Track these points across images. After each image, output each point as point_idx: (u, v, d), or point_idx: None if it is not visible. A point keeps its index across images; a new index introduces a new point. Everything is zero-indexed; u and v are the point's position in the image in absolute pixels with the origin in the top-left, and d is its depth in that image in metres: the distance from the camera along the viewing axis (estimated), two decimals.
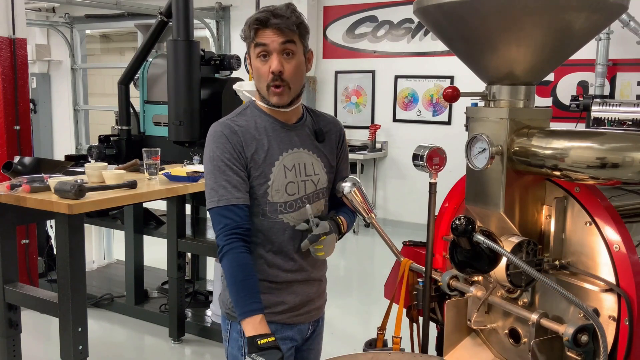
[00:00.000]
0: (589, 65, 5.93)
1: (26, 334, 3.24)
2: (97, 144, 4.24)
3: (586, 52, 4.46)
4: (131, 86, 4.38)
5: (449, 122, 7.10)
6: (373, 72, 7.57)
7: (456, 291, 1.94)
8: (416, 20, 6.92)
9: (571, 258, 1.72)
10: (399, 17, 7.30)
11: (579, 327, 1.55)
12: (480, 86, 1.81)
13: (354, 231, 7.16)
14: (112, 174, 3.12)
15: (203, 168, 1.81)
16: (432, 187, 1.94)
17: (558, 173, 1.62)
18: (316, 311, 1.95)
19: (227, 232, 1.69)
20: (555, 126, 1.72)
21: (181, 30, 3.81)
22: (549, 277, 1.68)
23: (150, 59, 4.36)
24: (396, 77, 7.42)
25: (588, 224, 1.67)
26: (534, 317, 1.67)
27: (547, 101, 6.46)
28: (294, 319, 1.87)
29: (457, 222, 1.67)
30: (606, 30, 5.60)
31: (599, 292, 1.63)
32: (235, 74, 4.37)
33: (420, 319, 2.08)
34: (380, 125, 7.42)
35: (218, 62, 4.19)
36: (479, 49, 1.70)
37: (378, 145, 7.45)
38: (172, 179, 3.30)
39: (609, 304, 1.61)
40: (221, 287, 1.92)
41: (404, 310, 2.07)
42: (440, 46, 6.71)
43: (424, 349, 2.05)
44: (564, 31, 1.60)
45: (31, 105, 6.86)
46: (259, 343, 1.57)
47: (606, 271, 1.62)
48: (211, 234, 4.24)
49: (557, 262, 1.74)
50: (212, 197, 1.71)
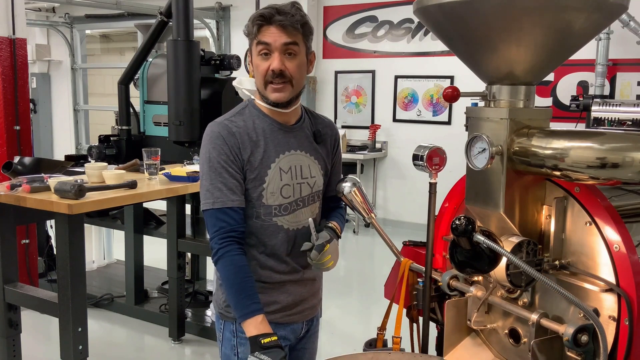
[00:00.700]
0: (589, 65, 5.93)
1: (26, 334, 3.23)
2: (97, 144, 4.24)
3: (586, 52, 4.46)
4: (131, 86, 4.38)
5: (449, 122, 7.11)
6: (373, 72, 7.57)
7: (456, 291, 1.94)
8: (416, 20, 6.92)
9: (571, 258, 1.72)
10: (399, 17, 7.30)
11: (579, 327, 1.55)
12: (480, 86, 1.81)
13: (354, 231, 7.16)
14: (112, 174, 3.12)
15: (199, 168, 1.81)
16: (432, 187, 1.94)
17: (558, 173, 1.62)
18: (310, 310, 1.94)
19: (222, 234, 1.68)
20: (555, 126, 1.72)
21: (181, 30, 3.81)
22: (549, 277, 1.68)
23: (150, 59, 4.36)
24: (396, 77, 7.42)
25: (588, 224, 1.67)
26: (534, 317, 1.67)
27: (547, 101, 6.46)
28: (287, 318, 1.86)
29: (457, 222, 1.66)
30: (606, 30, 5.60)
31: (599, 292, 1.62)
32: (235, 74, 4.37)
33: (420, 319, 2.08)
34: (380, 125, 7.42)
35: (218, 62, 4.19)
36: (479, 49, 1.70)
37: (378, 145, 7.45)
38: (172, 179, 3.30)
39: (609, 304, 1.61)
40: (215, 286, 1.92)
41: (404, 310, 2.07)
42: (440, 46, 6.71)
43: (424, 349, 2.05)
44: (564, 31, 1.60)
45: (31, 105, 6.87)
46: (262, 342, 1.58)
47: (606, 271, 1.62)
48: None
49: (557, 262, 1.74)
50: (208, 198, 1.70)
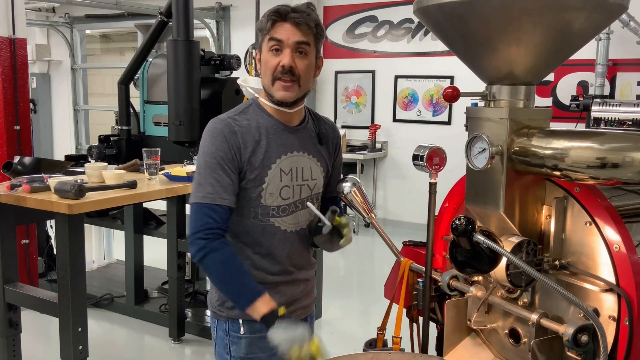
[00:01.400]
0: (589, 65, 5.93)
1: (26, 334, 3.23)
2: (97, 144, 4.24)
3: (586, 52, 4.46)
4: (131, 86, 4.38)
5: (449, 122, 7.10)
6: (373, 72, 7.56)
7: (456, 291, 1.94)
8: (416, 20, 6.92)
9: (571, 258, 1.72)
10: (399, 17, 7.30)
11: (579, 327, 1.55)
12: (480, 86, 1.81)
13: (354, 231, 7.16)
14: (112, 174, 3.12)
15: (196, 161, 1.79)
16: (432, 187, 1.94)
17: (558, 173, 1.62)
18: (302, 310, 1.93)
19: (206, 230, 1.65)
20: (555, 126, 1.72)
21: (181, 30, 3.81)
22: (549, 277, 1.68)
23: (150, 59, 4.36)
24: (396, 77, 7.41)
25: (588, 224, 1.67)
26: (534, 317, 1.67)
27: (547, 101, 6.46)
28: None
29: (457, 222, 1.67)
30: (606, 30, 5.60)
31: (599, 292, 1.63)
32: (235, 74, 4.37)
33: (420, 319, 2.08)
34: (380, 125, 7.42)
35: (218, 62, 4.19)
36: (479, 49, 1.70)
37: (378, 145, 7.44)
38: (172, 179, 3.30)
39: (609, 304, 1.61)
40: (209, 286, 1.91)
41: (404, 310, 2.07)
42: (440, 46, 6.71)
43: (424, 349, 2.05)
44: (564, 31, 1.60)
45: (31, 105, 6.86)
46: (279, 314, 1.61)
47: (606, 271, 1.62)
48: None
49: (557, 262, 1.74)
50: (198, 192, 1.68)
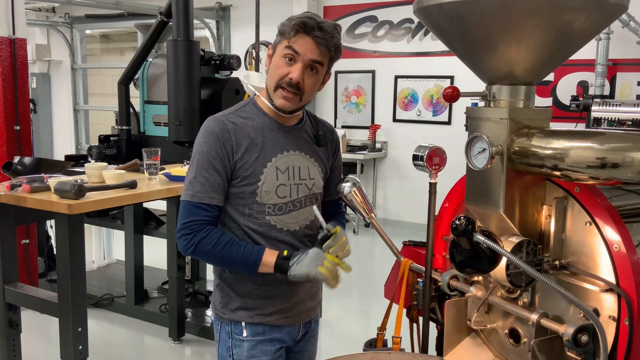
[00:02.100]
0: (589, 65, 5.93)
1: (26, 334, 3.23)
2: (97, 144, 4.24)
3: (586, 52, 4.46)
4: (131, 86, 4.38)
5: (449, 122, 7.11)
6: (373, 72, 7.57)
7: (456, 291, 1.94)
8: (416, 20, 6.92)
9: (571, 258, 1.72)
10: (399, 17, 7.30)
11: (579, 327, 1.55)
12: (480, 86, 1.81)
13: (354, 231, 7.16)
14: (112, 174, 3.12)
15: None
16: (432, 187, 1.94)
17: (558, 173, 1.62)
18: (307, 313, 1.92)
19: (193, 225, 1.69)
20: (555, 126, 1.72)
21: (181, 30, 3.81)
22: (549, 277, 1.68)
23: (150, 59, 4.36)
24: (396, 77, 7.42)
25: (588, 224, 1.67)
26: (534, 317, 1.67)
27: (547, 101, 6.46)
28: (283, 320, 1.85)
29: (457, 222, 1.67)
30: (606, 30, 5.60)
31: (599, 292, 1.63)
32: (235, 74, 4.37)
33: (420, 319, 2.08)
34: (380, 125, 7.42)
35: (218, 62, 4.19)
36: (479, 49, 1.70)
37: (378, 145, 7.44)
38: (172, 179, 3.30)
39: (609, 304, 1.61)
40: (213, 287, 1.92)
41: (404, 310, 2.07)
42: (440, 46, 6.71)
43: (424, 349, 2.05)
44: (564, 31, 1.60)
45: (31, 105, 6.86)
46: (284, 254, 1.70)
47: (606, 271, 1.62)
48: None
49: (557, 262, 1.74)
50: (188, 190, 1.73)
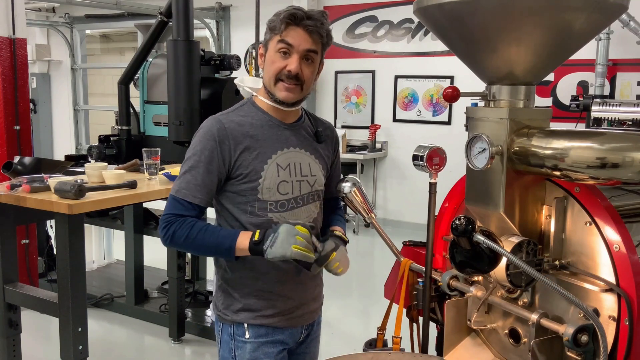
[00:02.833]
0: (589, 65, 5.93)
1: (26, 334, 3.23)
2: (97, 144, 4.24)
3: (586, 52, 4.46)
4: (131, 86, 4.38)
5: (449, 122, 7.11)
6: (373, 72, 7.57)
7: (456, 291, 1.94)
8: (416, 20, 6.92)
9: (571, 258, 1.72)
10: (399, 17, 7.30)
11: (579, 327, 1.56)
12: (480, 86, 1.81)
13: (354, 231, 7.16)
14: (112, 174, 3.12)
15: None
16: (432, 187, 1.94)
17: (558, 173, 1.62)
18: (310, 315, 1.92)
19: (172, 217, 1.71)
20: (555, 126, 1.72)
21: (181, 30, 3.81)
22: (549, 277, 1.68)
23: (150, 59, 4.36)
24: (396, 77, 7.41)
25: (588, 224, 1.67)
26: (534, 317, 1.67)
27: (547, 101, 6.46)
28: (285, 322, 1.84)
29: (457, 222, 1.67)
30: (606, 30, 5.60)
31: (599, 292, 1.63)
32: (235, 74, 4.37)
33: (420, 319, 2.08)
34: (380, 125, 7.42)
35: (218, 62, 4.19)
36: (479, 49, 1.70)
37: (378, 145, 7.44)
38: (172, 179, 3.29)
39: (609, 304, 1.61)
40: (215, 288, 1.92)
41: (404, 310, 2.07)
42: (440, 46, 6.71)
43: (424, 349, 2.05)
44: (564, 31, 1.60)
45: (31, 105, 6.86)
46: (255, 237, 1.66)
47: (606, 271, 1.62)
48: None
49: (557, 262, 1.74)
50: (176, 184, 1.75)
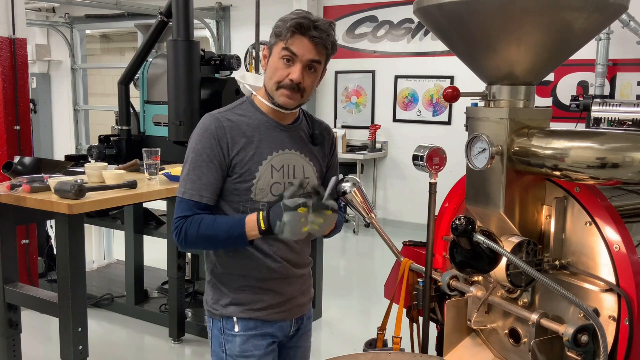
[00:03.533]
0: (589, 65, 5.93)
1: (26, 334, 3.23)
2: (97, 144, 4.24)
3: (586, 52, 4.45)
4: (131, 86, 4.38)
5: (449, 122, 7.10)
6: (373, 72, 7.56)
7: (456, 291, 1.94)
8: (416, 20, 6.92)
9: (571, 258, 1.72)
10: (399, 17, 7.30)
11: (579, 327, 1.56)
12: (480, 86, 1.81)
13: (354, 231, 7.16)
14: (112, 174, 3.12)
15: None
16: (432, 187, 1.94)
17: (558, 173, 1.62)
18: (298, 308, 1.92)
19: (182, 220, 1.72)
20: (555, 126, 1.72)
21: (181, 30, 3.81)
22: (549, 277, 1.68)
23: (150, 59, 4.36)
24: (396, 77, 7.41)
25: (588, 224, 1.67)
26: (534, 317, 1.67)
27: (547, 101, 6.46)
28: (274, 315, 1.86)
29: (457, 222, 1.67)
30: (606, 30, 5.60)
31: (599, 292, 1.63)
32: (234, 74, 4.37)
33: (420, 319, 2.08)
34: (380, 125, 7.42)
35: (218, 62, 4.19)
36: (479, 49, 1.70)
37: (378, 145, 7.44)
38: (172, 179, 3.29)
39: (609, 304, 1.61)
40: (205, 285, 1.92)
41: (404, 310, 2.07)
42: (440, 46, 6.71)
43: (424, 349, 2.05)
44: (564, 31, 1.60)
45: (31, 105, 6.85)
46: (262, 228, 1.64)
47: (606, 271, 1.62)
48: None
49: (557, 262, 1.74)
50: (181, 186, 1.77)
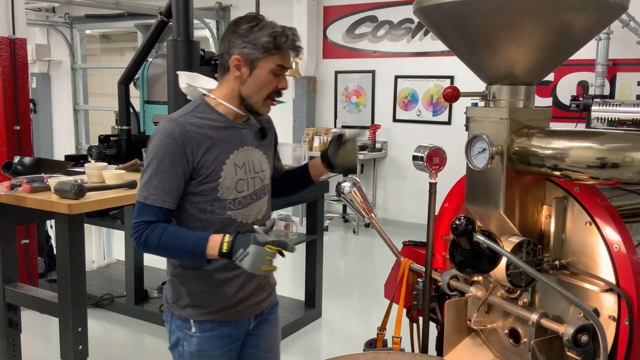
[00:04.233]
0: (589, 65, 5.93)
1: (26, 334, 3.24)
2: (97, 144, 4.24)
3: (586, 52, 4.45)
4: (131, 86, 4.38)
5: (449, 122, 7.10)
6: (373, 72, 7.56)
7: (456, 291, 1.94)
8: (416, 20, 6.92)
9: (571, 258, 1.72)
10: (399, 17, 7.30)
11: (579, 327, 1.56)
12: (480, 86, 1.81)
13: (354, 231, 7.16)
14: (112, 174, 3.12)
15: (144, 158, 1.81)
16: (432, 187, 1.94)
17: (558, 173, 1.62)
18: (257, 306, 1.92)
19: (143, 225, 1.70)
20: (555, 126, 1.72)
21: (181, 30, 3.81)
22: (549, 277, 1.68)
23: (150, 59, 4.36)
24: (396, 77, 7.41)
25: (588, 224, 1.67)
26: (534, 317, 1.67)
27: (547, 101, 6.46)
28: (230, 316, 1.86)
29: (457, 222, 1.67)
30: (606, 30, 5.60)
31: (599, 292, 1.63)
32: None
33: (420, 319, 2.08)
34: (380, 125, 7.42)
35: (218, 62, 4.19)
36: (479, 49, 1.70)
37: (378, 145, 7.44)
38: None
39: (609, 304, 1.61)
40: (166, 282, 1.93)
41: (404, 310, 2.07)
42: (440, 46, 6.70)
43: (424, 349, 2.05)
44: (564, 31, 1.60)
45: (31, 105, 6.85)
46: (224, 249, 1.64)
47: (606, 271, 1.62)
48: None
49: (557, 262, 1.74)
50: (143, 191, 1.73)
